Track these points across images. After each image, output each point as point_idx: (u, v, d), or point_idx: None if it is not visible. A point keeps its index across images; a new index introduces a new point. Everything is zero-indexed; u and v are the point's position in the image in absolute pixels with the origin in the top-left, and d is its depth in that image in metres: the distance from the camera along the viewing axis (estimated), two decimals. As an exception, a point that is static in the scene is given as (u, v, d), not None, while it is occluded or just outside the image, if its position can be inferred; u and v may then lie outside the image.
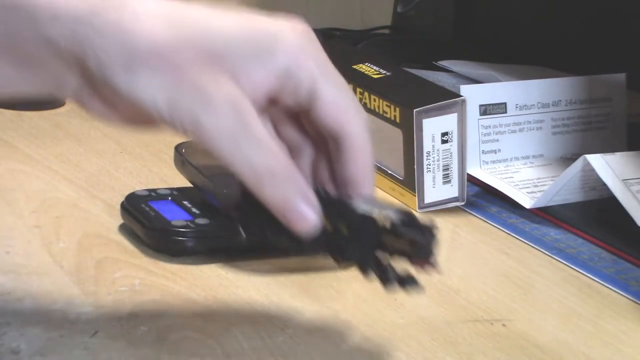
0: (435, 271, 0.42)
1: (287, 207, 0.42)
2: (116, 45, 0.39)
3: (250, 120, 0.41)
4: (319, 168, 0.46)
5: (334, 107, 0.43)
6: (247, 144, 0.40)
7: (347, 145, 0.44)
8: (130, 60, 0.40)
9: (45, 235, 0.57)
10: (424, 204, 0.69)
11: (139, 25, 0.40)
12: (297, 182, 0.42)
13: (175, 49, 0.40)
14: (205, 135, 0.40)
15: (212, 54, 0.40)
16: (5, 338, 0.44)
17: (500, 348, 0.49)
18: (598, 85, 0.79)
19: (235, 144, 0.40)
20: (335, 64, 0.80)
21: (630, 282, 0.60)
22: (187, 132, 0.41)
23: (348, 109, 0.43)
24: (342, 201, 0.43)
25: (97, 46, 0.39)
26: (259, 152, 0.41)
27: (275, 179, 0.41)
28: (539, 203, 0.68)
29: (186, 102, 0.40)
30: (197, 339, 0.46)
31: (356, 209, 0.42)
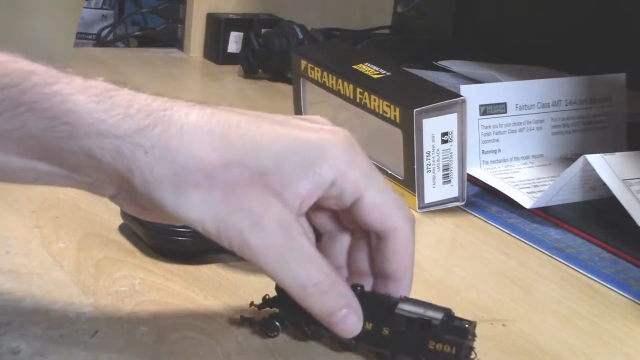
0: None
1: (332, 316, 0.43)
2: (164, 165, 0.40)
3: (296, 236, 0.42)
4: (357, 256, 0.47)
5: (378, 211, 0.44)
6: (293, 260, 0.42)
7: (390, 243, 0.45)
8: (179, 179, 0.40)
9: (45, 235, 0.57)
10: (424, 204, 0.69)
11: (186, 144, 0.40)
12: (342, 293, 0.43)
13: (224, 168, 0.40)
14: (253, 252, 0.41)
15: (259, 172, 0.41)
16: (5, 338, 0.44)
17: (500, 348, 0.49)
18: (598, 85, 0.79)
19: (281, 260, 0.42)
20: (335, 64, 0.80)
21: (630, 282, 0.60)
22: (233, 248, 0.41)
23: (392, 211, 0.44)
24: (383, 301, 0.44)
25: (143, 165, 0.40)
26: (304, 267, 0.42)
27: (320, 292, 0.42)
28: (539, 203, 0.68)
29: (234, 222, 0.41)
30: (197, 339, 0.46)
31: (399, 310, 0.43)
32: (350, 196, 0.43)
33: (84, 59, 1.05)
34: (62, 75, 0.40)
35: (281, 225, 0.41)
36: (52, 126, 0.39)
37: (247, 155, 0.41)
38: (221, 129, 0.41)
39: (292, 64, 0.84)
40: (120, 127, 0.40)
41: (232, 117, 0.42)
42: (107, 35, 1.29)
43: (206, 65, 1.15)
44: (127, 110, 0.40)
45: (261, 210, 0.41)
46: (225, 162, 0.40)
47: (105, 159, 0.40)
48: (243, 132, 0.41)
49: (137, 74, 1.05)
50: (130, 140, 0.40)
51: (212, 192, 0.40)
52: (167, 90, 1.07)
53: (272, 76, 1.08)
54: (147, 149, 0.40)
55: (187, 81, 1.10)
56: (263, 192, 0.41)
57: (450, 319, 0.43)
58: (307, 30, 1.05)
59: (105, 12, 1.40)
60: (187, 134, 0.40)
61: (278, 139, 0.42)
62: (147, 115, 0.40)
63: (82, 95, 0.40)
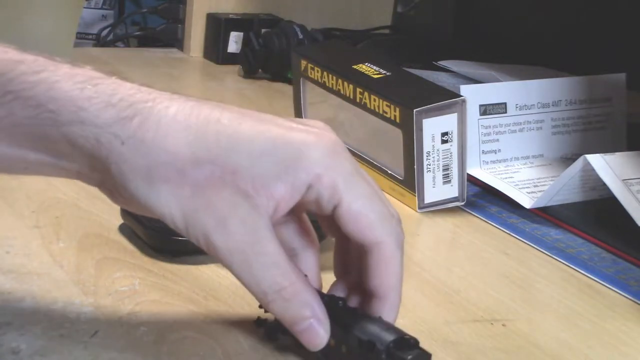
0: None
1: (296, 325, 0.42)
2: (137, 157, 0.40)
3: (261, 240, 0.41)
4: (354, 268, 0.46)
5: (357, 221, 0.42)
6: (256, 264, 0.41)
7: (372, 258, 0.43)
8: (150, 172, 0.40)
9: (45, 235, 0.57)
10: (424, 204, 0.69)
11: (160, 137, 0.40)
12: (307, 303, 0.42)
13: (195, 165, 0.40)
14: (217, 252, 0.41)
15: (232, 171, 0.40)
16: (5, 338, 0.44)
17: (500, 348, 0.49)
18: (598, 85, 0.79)
19: (245, 264, 0.41)
20: (335, 64, 0.80)
21: (630, 282, 0.60)
22: (201, 246, 0.41)
23: (374, 223, 0.42)
24: (353, 318, 0.43)
25: (119, 155, 0.40)
26: (267, 273, 0.41)
27: (282, 299, 0.42)
28: (539, 203, 0.68)
29: (200, 220, 0.41)
30: (197, 339, 0.46)
31: (361, 330, 0.42)
32: (328, 202, 0.42)
33: (84, 59, 1.05)
34: (50, 64, 0.40)
35: (246, 227, 0.41)
36: (37, 113, 0.39)
37: (221, 154, 0.40)
38: (199, 125, 0.41)
39: (292, 64, 0.84)
40: (100, 116, 0.40)
41: (214, 112, 0.42)
42: (107, 35, 1.29)
43: (206, 65, 1.15)
44: (110, 99, 0.40)
45: (227, 210, 0.40)
46: (197, 159, 0.40)
47: (86, 147, 0.40)
48: (221, 129, 0.41)
49: (137, 74, 1.05)
50: (109, 130, 0.40)
51: (181, 188, 0.40)
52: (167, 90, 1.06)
53: (272, 76, 1.08)
54: (123, 139, 0.40)
55: (187, 81, 1.10)
56: (232, 192, 0.40)
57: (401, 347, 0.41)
58: (307, 30, 1.06)
59: (105, 12, 1.40)
60: (164, 127, 0.40)
61: (255, 138, 0.41)
62: (128, 106, 0.40)
63: (67, 83, 0.40)
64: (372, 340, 0.41)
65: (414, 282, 0.57)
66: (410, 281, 0.57)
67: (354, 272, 0.46)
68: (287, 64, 0.94)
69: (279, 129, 0.42)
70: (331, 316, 0.43)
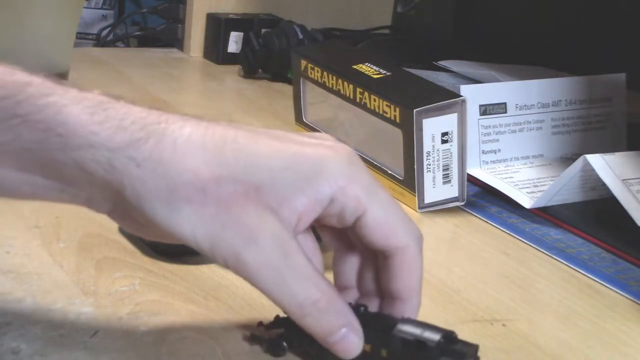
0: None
1: (331, 336, 0.42)
2: (155, 178, 0.39)
3: (292, 253, 0.41)
4: (366, 276, 0.46)
5: (382, 228, 0.43)
6: (289, 278, 0.41)
7: (396, 262, 0.43)
8: (171, 194, 0.39)
9: (45, 235, 0.57)
10: (424, 204, 0.69)
11: (179, 158, 0.39)
12: (340, 312, 0.42)
13: (216, 183, 0.40)
14: (248, 270, 0.40)
15: (254, 188, 0.40)
16: (5, 338, 0.44)
17: (500, 348, 0.49)
18: (598, 85, 0.79)
19: (278, 278, 0.40)
20: (335, 64, 0.80)
21: (630, 282, 0.60)
22: (228, 266, 0.41)
23: (397, 228, 0.43)
24: (383, 321, 0.43)
25: (135, 178, 0.39)
26: (301, 285, 0.41)
27: (318, 311, 0.41)
28: (539, 203, 0.68)
29: (228, 238, 0.40)
30: (197, 339, 0.46)
31: (396, 332, 0.42)
32: (352, 213, 0.42)
33: (84, 59, 1.05)
34: (58, 87, 0.40)
35: (276, 242, 0.40)
36: (46, 138, 0.39)
37: (242, 171, 0.40)
38: (215, 144, 0.40)
39: (292, 64, 0.84)
40: (112, 140, 0.39)
41: (228, 131, 0.41)
42: (107, 35, 1.29)
43: (206, 65, 1.15)
44: (121, 123, 0.39)
45: (255, 226, 0.40)
46: (218, 177, 0.40)
47: (98, 172, 0.39)
48: (238, 147, 0.41)
49: (137, 74, 1.05)
50: (122, 153, 0.39)
51: (204, 207, 0.39)
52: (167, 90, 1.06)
53: (272, 76, 1.08)
54: (139, 162, 0.39)
55: (187, 81, 1.10)
56: (257, 208, 0.40)
57: (450, 341, 0.42)
58: (307, 30, 1.06)
59: (105, 12, 1.40)
60: (180, 147, 0.40)
61: (275, 154, 0.41)
62: (140, 128, 0.40)
63: (76, 107, 0.39)
64: (420, 339, 0.41)
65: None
66: (410, 281, 0.57)
67: (356, 281, 0.46)
68: (287, 64, 0.94)
69: (295, 145, 0.42)
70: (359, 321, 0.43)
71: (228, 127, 0.42)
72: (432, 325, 0.42)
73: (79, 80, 0.94)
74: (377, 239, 0.43)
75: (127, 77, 1.03)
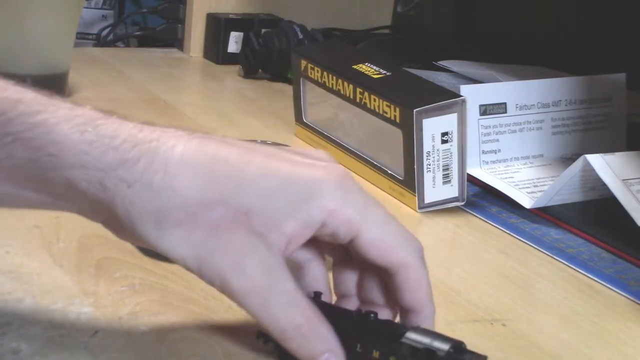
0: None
1: (313, 358, 0.42)
2: (146, 200, 0.39)
3: (279, 279, 0.41)
4: (367, 285, 0.46)
5: (378, 248, 0.43)
6: (274, 304, 0.41)
7: (399, 279, 0.43)
8: (160, 216, 0.40)
9: (45, 235, 0.57)
10: (424, 204, 0.69)
11: (169, 180, 0.40)
12: (324, 337, 0.42)
13: (207, 207, 0.40)
14: (234, 294, 0.41)
15: (244, 212, 0.40)
16: (5, 338, 0.44)
17: (500, 348, 0.49)
18: (598, 85, 0.79)
19: (262, 304, 0.41)
20: (335, 64, 0.80)
21: (630, 282, 0.60)
22: (215, 287, 0.41)
23: (394, 247, 0.43)
24: (393, 329, 0.43)
25: (126, 199, 0.39)
26: (285, 312, 0.41)
27: (301, 336, 0.42)
28: (539, 203, 0.68)
29: (215, 264, 0.40)
30: (197, 339, 0.46)
31: (405, 340, 0.42)
32: (346, 235, 0.42)
33: (84, 59, 1.05)
34: (49, 103, 0.40)
35: (264, 269, 0.40)
36: (38, 156, 0.39)
37: (232, 195, 0.40)
38: (207, 165, 0.40)
39: (292, 64, 0.84)
40: (103, 160, 0.39)
41: (220, 150, 0.41)
42: (107, 35, 1.29)
43: (206, 65, 1.15)
44: (112, 142, 0.39)
45: (244, 253, 0.40)
46: (209, 200, 0.40)
47: (90, 190, 0.39)
48: (229, 168, 0.40)
49: (137, 73, 1.05)
50: (113, 173, 0.39)
51: (194, 231, 0.40)
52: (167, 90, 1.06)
53: (272, 76, 1.08)
54: (130, 183, 0.39)
55: (187, 81, 1.10)
56: (247, 233, 0.40)
57: (459, 352, 0.41)
58: (307, 30, 1.06)
59: (105, 12, 1.40)
60: (172, 169, 0.40)
61: (266, 177, 0.41)
62: (132, 147, 0.40)
63: (67, 125, 0.39)
64: (430, 348, 0.41)
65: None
66: (410, 281, 0.57)
67: (356, 289, 0.46)
68: (287, 64, 0.94)
69: (287, 165, 0.42)
70: (368, 330, 0.43)
71: (220, 145, 0.41)
72: (442, 335, 0.42)
73: (79, 80, 0.94)
74: (376, 259, 0.43)
75: (127, 77, 1.03)
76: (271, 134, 0.85)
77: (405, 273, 0.43)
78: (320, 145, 0.81)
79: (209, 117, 0.90)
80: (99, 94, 0.93)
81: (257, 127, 0.88)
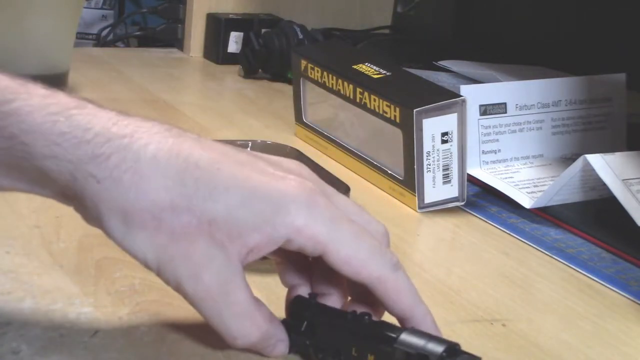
0: None
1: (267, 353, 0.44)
2: (114, 198, 0.40)
3: (234, 291, 0.41)
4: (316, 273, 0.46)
5: (349, 265, 0.42)
6: (227, 314, 0.41)
7: (379, 292, 0.43)
8: (126, 216, 0.40)
9: (45, 235, 0.57)
10: (424, 204, 0.69)
11: (139, 180, 0.40)
12: (274, 345, 0.43)
13: (172, 212, 0.40)
14: (188, 299, 0.42)
15: (208, 221, 0.40)
16: (5, 338, 0.44)
17: (500, 348, 0.49)
18: (598, 85, 0.79)
19: (215, 312, 0.41)
20: (335, 64, 0.80)
21: (630, 282, 0.60)
22: (169, 285, 0.42)
23: (365, 262, 0.42)
24: (387, 332, 0.43)
25: (95, 194, 0.40)
26: (238, 323, 0.42)
27: (252, 344, 0.43)
28: (539, 203, 0.68)
29: (174, 269, 0.41)
30: (197, 339, 0.46)
31: (399, 344, 0.42)
32: (313, 252, 0.42)
33: (84, 59, 1.05)
34: (22, 91, 0.40)
35: (220, 280, 0.41)
36: (11, 145, 0.39)
37: (199, 203, 0.40)
38: (177, 168, 0.40)
39: (292, 64, 0.84)
40: (74, 153, 0.39)
41: (193, 152, 0.41)
42: (107, 35, 1.29)
43: (206, 65, 1.15)
44: (84, 135, 0.40)
45: (202, 262, 0.40)
46: (175, 206, 0.40)
47: (61, 179, 0.40)
48: (199, 175, 0.40)
49: (137, 73, 1.05)
50: (83, 167, 0.39)
51: (157, 235, 0.40)
52: (167, 90, 1.06)
53: (272, 76, 1.08)
54: (99, 179, 0.39)
55: (187, 81, 1.10)
56: (208, 242, 0.40)
57: (453, 354, 0.41)
58: (307, 30, 1.06)
59: (105, 12, 1.40)
60: (142, 168, 0.40)
61: (234, 187, 0.41)
62: (104, 142, 0.40)
63: (39, 114, 0.39)
64: (423, 352, 0.41)
65: (414, 282, 0.56)
66: (410, 281, 0.57)
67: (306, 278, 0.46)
68: (287, 64, 0.94)
69: (257, 177, 0.41)
70: (363, 332, 0.43)
71: (194, 148, 0.41)
72: (437, 337, 0.42)
73: (79, 80, 0.94)
74: (348, 274, 0.42)
75: (127, 77, 1.03)
76: (271, 134, 0.85)
77: (381, 286, 0.43)
78: (320, 145, 0.81)
79: (208, 117, 0.90)
80: (99, 94, 0.93)
81: (257, 127, 0.88)
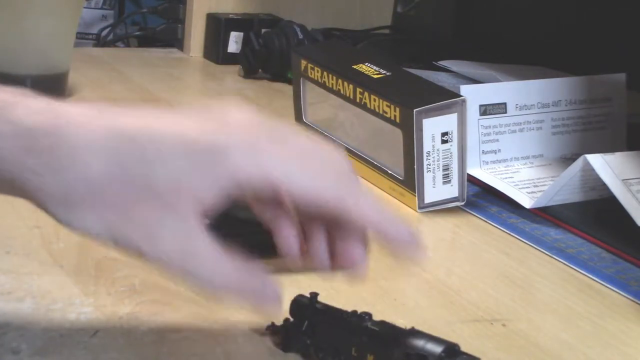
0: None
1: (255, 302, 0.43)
2: (54, 185, 0.40)
3: (193, 243, 0.41)
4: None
5: (307, 194, 0.42)
6: (194, 266, 0.41)
7: (342, 214, 0.43)
8: (69, 199, 0.40)
9: (45, 235, 0.57)
10: (424, 204, 0.69)
11: (75, 162, 0.40)
12: (253, 282, 0.42)
13: (113, 187, 0.40)
14: (153, 263, 0.41)
15: (149, 186, 0.40)
16: (5, 338, 0.44)
17: (500, 348, 0.49)
18: (598, 85, 0.79)
19: (184, 269, 0.41)
20: (335, 64, 0.80)
21: (630, 282, 0.60)
22: (134, 258, 0.41)
23: (323, 188, 0.42)
24: (387, 332, 0.43)
25: (34, 186, 0.40)
26: (207, 268, 0.41)
27: (230, 293, 0.42)
28: (539, 203, 0.68)
29: (129, 237, 0.40)
30: (197, 339, 0.46)
31: (404, 345, 0.42)
32: (269, 192, 0.41)
33: (84, 59, 1.05)
34: None
35: (177, 238, 0.40)
36: None
37: (137, 172, 0.40)
38: (112, 145, 0.40)
39: (292, 64, 0.84)
40: (7, 147, 0.39)
41: (127, 127, 0.41)
42: (107, 35, 1.29)
43: (206, 65, 1.15)
44: (16, 128, 0.39)
45: (154, 226, 0.40)
46: (114, 180, 0.40)
47: (4, 177, 0.40)
48: (134, 147, 0.40)
49: (137, 73, 1.05)
50: (19, 160, 0.39)
51: (103, 211, 0.40)
52: (167, 90, 1.06)
53: (272, 76, 1.08)
54: (36, 170, 0.39)
55: (187, 81, 1.10)
56: (154, 207, 0.40)
57: (452, 354, 0.41)
58: (307, 30, 1.06)
59: (105, 12, 1.40)
60: (77, 151, 0.40)
61: (170, 148, 0.40)
62: (41, 134, 0.40)
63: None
64: (422, 353, 0.41)
65: (414, 282, 0.57)
66: (410, 281, 0.57)
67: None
68: (287, 64, 0.94)
69: (194, 131, 0.41)
70: (363, 332, 0.43)
71: (123, 117, 0.41)
72: (436, 338, 0.42)
73: (79, 80, 0.94)
74: (308, 205, 0.42)
75: (127, 77, 1.03)
76: (271, 134, 0.85)
77: (342, 205, 0.42)
78: (320, 145, 0.81)
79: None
80: (99, 94, 0.93)
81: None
